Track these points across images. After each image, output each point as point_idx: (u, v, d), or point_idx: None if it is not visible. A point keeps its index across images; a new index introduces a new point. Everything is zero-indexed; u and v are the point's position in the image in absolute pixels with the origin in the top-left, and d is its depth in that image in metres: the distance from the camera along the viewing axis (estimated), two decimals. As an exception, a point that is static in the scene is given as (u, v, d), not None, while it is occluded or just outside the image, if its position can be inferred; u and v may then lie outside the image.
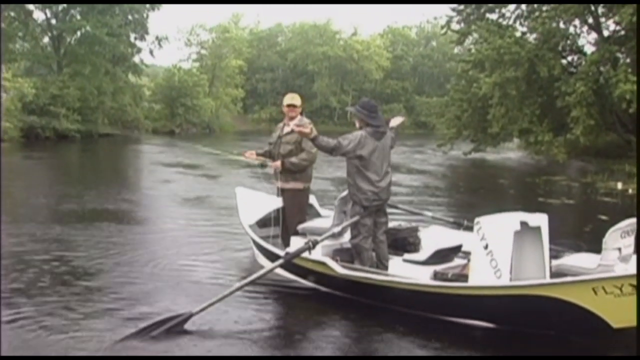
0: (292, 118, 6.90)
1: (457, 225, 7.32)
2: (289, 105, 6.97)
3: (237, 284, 5.78)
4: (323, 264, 6.18)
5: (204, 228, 9.79)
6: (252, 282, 5.87)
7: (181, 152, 27.64)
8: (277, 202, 7.20)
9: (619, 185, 16.36)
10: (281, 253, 6.45)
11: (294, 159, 6.82)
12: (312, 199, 7.54)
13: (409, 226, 6.79)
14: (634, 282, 4.75)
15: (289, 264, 6.23)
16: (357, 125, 6.39)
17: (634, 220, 5.41)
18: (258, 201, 7.82)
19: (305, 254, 6.10)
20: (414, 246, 6.47)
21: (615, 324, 4.96)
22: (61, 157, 25.88)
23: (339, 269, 6.06)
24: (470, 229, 6.56)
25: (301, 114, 7.01)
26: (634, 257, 5.44)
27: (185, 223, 10.20)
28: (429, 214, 8.10)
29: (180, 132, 44.10)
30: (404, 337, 5.30)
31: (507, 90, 21.99)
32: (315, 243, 6.06)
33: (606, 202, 13.29)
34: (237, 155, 7.09)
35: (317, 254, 6.26)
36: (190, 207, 12.09)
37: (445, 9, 30.41)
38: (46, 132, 32.39)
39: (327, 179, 15.56)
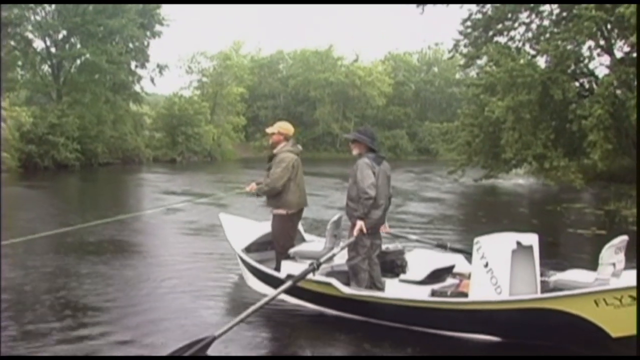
0: (273, 143, 7.31)
1: (442, 248, 7.72)
2: None
3: (252, 307, 5.73)
4: (328, 284, 6.33)
5: (210, 257, 9.55)
6: (264, 306, 5.88)
7: (186, 180, 27.00)
8: (263, 227, 7.56)
9: (646, 213, 15.57)
10: (281, 276, 6.68)
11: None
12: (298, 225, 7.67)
13: (396, 249, 7.08)
14: (633, 293, 5.11)
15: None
16: (356, 152, 6.58)
17: (625, 237, 5.79)
18: (244, 227, 8.02)
19: (309, 276, 6.19)
20: (401, 268, 6.72)
21: (614, 334, 5.30)
22: (61, 186, 25.37)
23: (345, 289, 6.24)
24: (454, 250, 7.46)
25: (287, 140, 7.26)
26: (624, 273, 5.74)
27: (192, 252, 9.91)
28: (414, 237, 8.30)
29: (182, 161, 43.68)
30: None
31: (520, 114, 21.37)
32: (319, 264, 6.18)
33: (640, 232, 12.45)
34: (242, 191, 7.77)
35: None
36: (196, 236, 11.77)
37: (450, 33, 30.06)
38: (45, 162, 31.97)
39: (329, 207, 14.79)
